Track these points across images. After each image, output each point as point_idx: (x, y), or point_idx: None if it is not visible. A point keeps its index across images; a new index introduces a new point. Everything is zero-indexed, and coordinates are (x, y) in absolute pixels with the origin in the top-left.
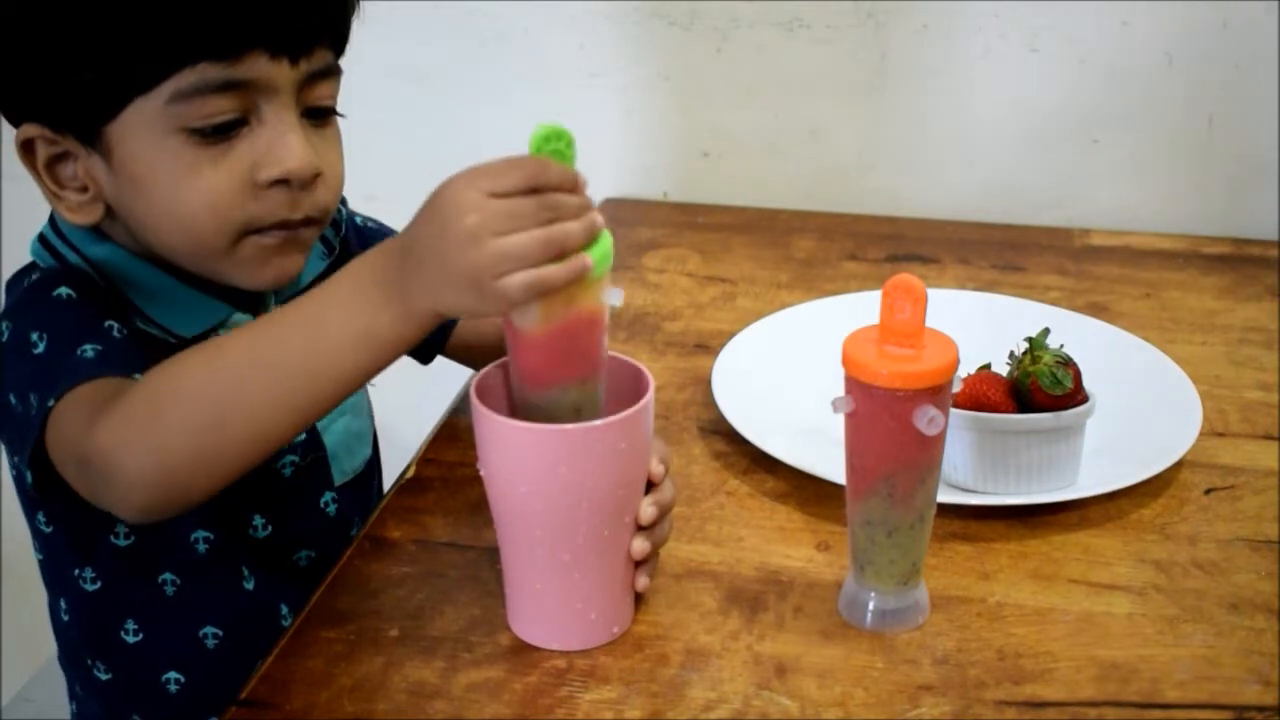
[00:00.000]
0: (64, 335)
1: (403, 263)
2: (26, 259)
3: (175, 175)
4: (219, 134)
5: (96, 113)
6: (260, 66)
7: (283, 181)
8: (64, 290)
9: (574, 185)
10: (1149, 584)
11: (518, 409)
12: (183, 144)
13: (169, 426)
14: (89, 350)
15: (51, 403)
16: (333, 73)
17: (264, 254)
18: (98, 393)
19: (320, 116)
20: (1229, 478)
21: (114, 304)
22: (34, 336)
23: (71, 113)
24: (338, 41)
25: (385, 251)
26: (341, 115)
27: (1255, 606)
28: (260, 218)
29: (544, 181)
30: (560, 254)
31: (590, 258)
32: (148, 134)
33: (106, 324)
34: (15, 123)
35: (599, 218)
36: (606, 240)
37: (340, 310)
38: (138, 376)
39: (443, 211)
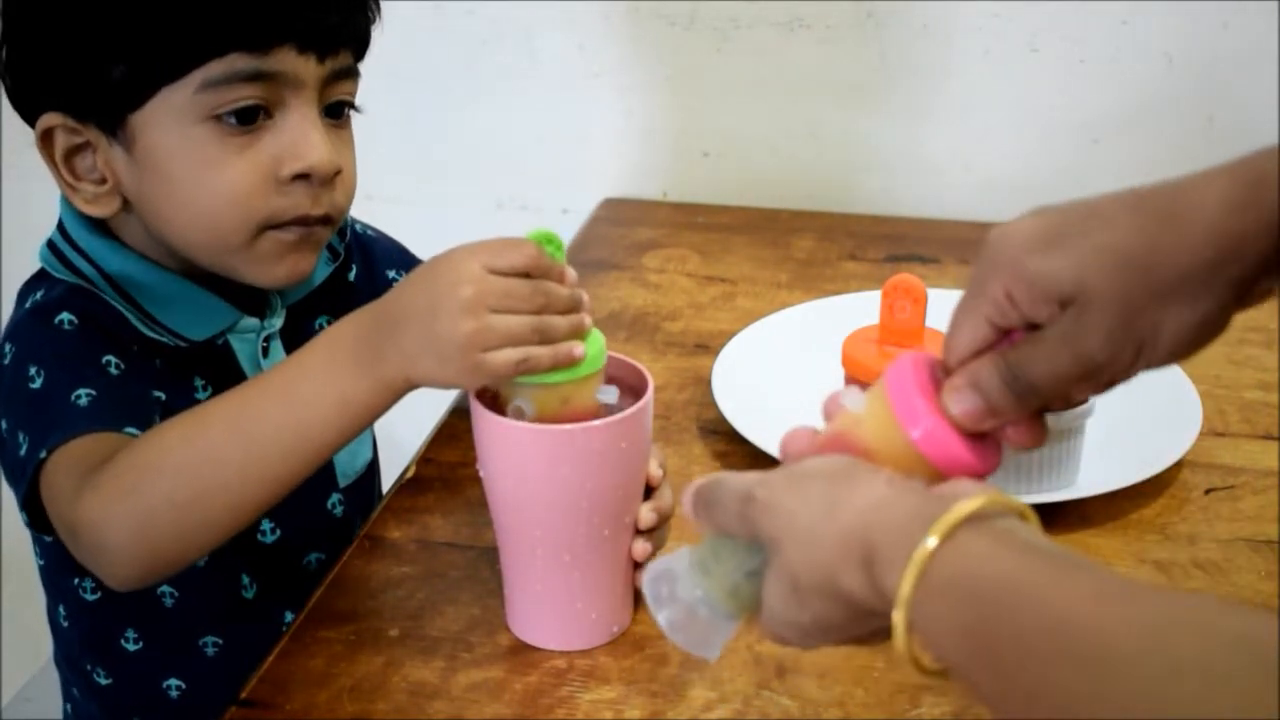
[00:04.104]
0: (61, 373)
1: (379, 327)
2: (25, 259)
3: (199, 166)
4: (244, 123)
5: (124, 101)
6: (289, 60)
7: (304, 177)
8: (66, 316)
9: (562, 278)
10: (1149, 584)
11: None
12: (208, 135)
13: (151, 502)
14: (83, 397)
15: (43, 454)
16: (353, 74)
17: (281, 250)
18: (88, 453)
19: (337, 115)
20: (1229, 478)
21: (116, 327)
22: (32, 370)
23: (99, 101)
24: (360, 45)
25: (359, 319)
26: (358, 110)
27: (1255, 606)
28: (281, 213)
29: (538, 268)
30: (545, 342)
31: (579, 348)
32: (174, 123)
33: (105, 359)
34: (34, 114)
35: (588, 318)
36: (598, 339)
37: (313, 380)
38: (129, 430)
39: (440, 280)
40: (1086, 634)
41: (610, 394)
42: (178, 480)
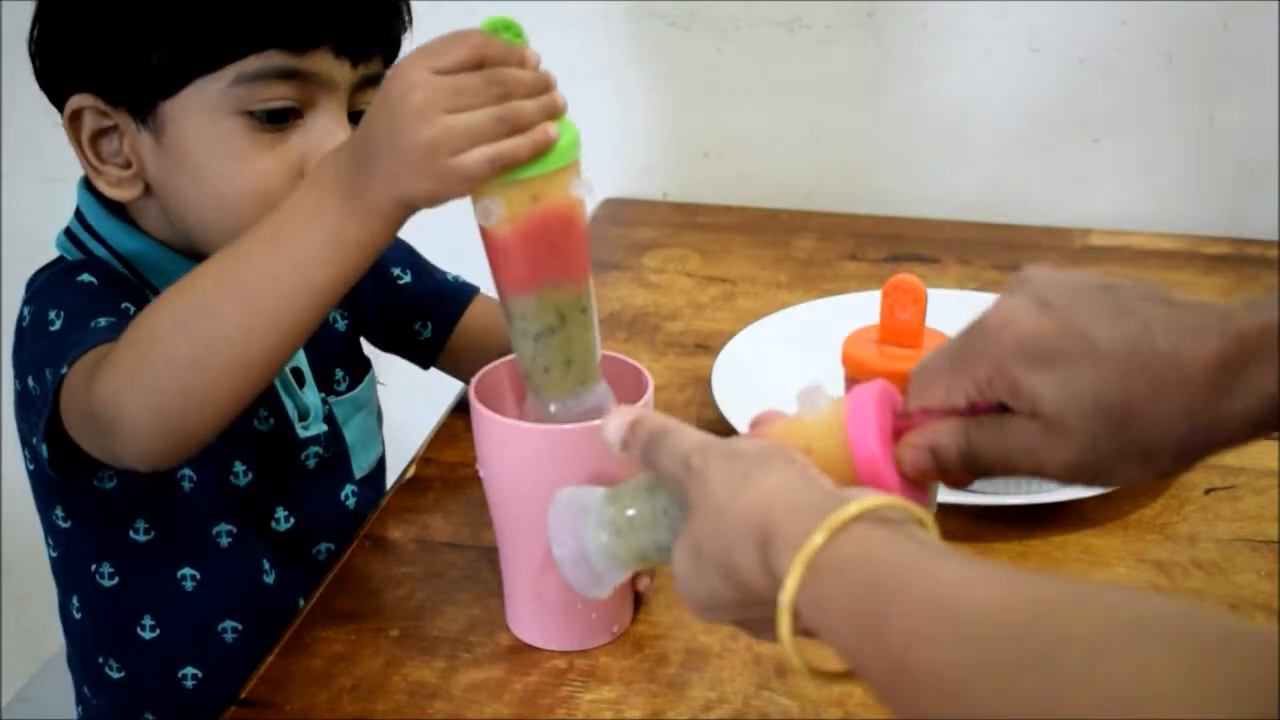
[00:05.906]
0: (80, 312)
1: (358, 158)
2: (25, 258)
3: (227, 157)
4: (275, 121)
5: (158, 88)
6: (325, 62)
7: None
8: (86, 276)
9: (523, 61)
10: (1149, 584)
11: (503, 315)
12: (239, 128)
13: (155, 366)
14: (103, 320)
15: (65, 370)
16: (380, 81)
17: None
18: (102, 354)
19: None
20: (1229, 478)
21: (136, 294)
22: (51, 314)
23: (133, 86)
24: (391, 52)
25: (339, 155)
26: None
27: (1255, 606)
28: None
29: (489, 56)
30: (516, 131)
31: (554, 129)
32: (205, 114)
33: (124, 305)
34: (63, 94)
35: (559, 98)
36: (571, 128)
37: (302, 220)
38: None
39: (391, 94)
40: (974, 611)
41: (586, 188)
42: (176, 341)
